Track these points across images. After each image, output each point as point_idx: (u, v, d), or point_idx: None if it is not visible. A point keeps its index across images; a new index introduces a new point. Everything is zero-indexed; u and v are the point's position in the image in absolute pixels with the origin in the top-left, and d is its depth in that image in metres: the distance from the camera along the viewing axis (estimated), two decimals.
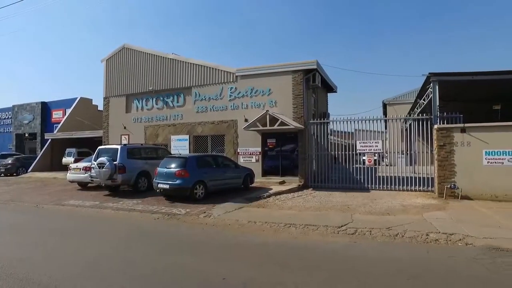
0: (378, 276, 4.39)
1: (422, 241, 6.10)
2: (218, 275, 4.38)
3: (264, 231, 6.99)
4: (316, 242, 6.11)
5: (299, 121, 14.10)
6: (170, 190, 10.47)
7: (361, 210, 8.89)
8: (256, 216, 8.25)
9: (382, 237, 6.35)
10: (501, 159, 10.42)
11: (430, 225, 7.03)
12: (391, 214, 8.35)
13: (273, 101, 14.89)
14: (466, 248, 5.68)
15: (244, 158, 15.39)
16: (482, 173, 10.54)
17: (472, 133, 10.75)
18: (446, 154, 11.03)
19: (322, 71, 15.52)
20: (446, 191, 10.84)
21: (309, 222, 7.45)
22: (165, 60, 17.89)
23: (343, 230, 6.80)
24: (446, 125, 11.34)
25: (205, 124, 16.52)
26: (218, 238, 6.58)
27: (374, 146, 13.04)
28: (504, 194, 10.24)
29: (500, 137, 10.47)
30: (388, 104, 30.65)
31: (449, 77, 12.44)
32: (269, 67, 15.29)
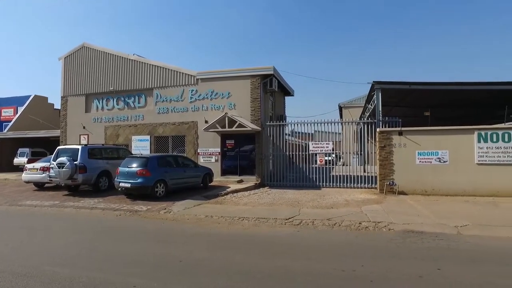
0: (311, 254, 5.33)
1: (355, 228, 7.17)
2: (176, 258, 5.09)
3: (219, 224, 7.76)
4: (264, 232, 6.97)
5: (257, 123, 15.02)
6: (132, 188, 10.91)
7: (309, 205, 9.94)
8: (213, 211, 9.00)
9: (322, 227, 7.36)
10: (430, 158, 11.97)
11: (364, 216, 8.17)
12: (335, 207, 9.46)
13: (232, 103, 15.68)
14: (388, 232, 6.82)
15: (204, 158, 16.03)
16: (415, 171, 12.05)
17: (408, 136, 12.23)
18: (386, 154, 12.43)
19: (279, 76, 16.56)
20: (386, 187, 12.23)
21: (261, 215, 8.33)
22: (127, 61, 18.05)
23: (290, 222, 7.74)
24: (387, 129, 12.76)
25: (166, 125, 16.94)
26: (176, 230, 7.27)
27: (325, 147, 14.26)
28: (432, 189, 11.80)
29: (429, 140, 12.03)
30: (344, 107, 32.63)
31: (390, 85, 13.95)
32: (229, 71, 16.07)
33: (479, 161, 11.50)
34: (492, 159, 11.39)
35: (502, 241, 6.09)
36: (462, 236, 6.44)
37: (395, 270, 4.55)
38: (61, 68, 19.58)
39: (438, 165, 11.87)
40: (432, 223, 7.36)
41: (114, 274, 4.47)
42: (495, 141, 11.38)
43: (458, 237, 6.35)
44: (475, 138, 11.56)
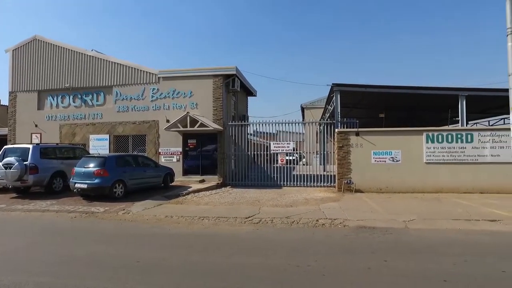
0: (269, 251, 5.49)
1: (312, 226, 7.45)
2: (134, 259, 5.03)
3: (179, 223, 7.73)
4: (224, 231, 7.05)
5: (219, 122, 15.04)
6: (88, 189, 10.52)
7: (269, 203, 10.15)
8: (174, 211, 8.93)
9: (281, 224, 7.56)
10: (384, 158, 12.65)
11: (322, 213, 8.50)
12: (294, 206, 9.73)
13: (194, 103, 15.57)
14: (343, 228, 7.16)
15: (165, 158, 15.78)
16: (371, 170, 12.68)
17: (364, 137, 12.84)
18: (344, 154, 12.97)
19: (242, 76, 16.68)
20: (343, 186, 12.76)
21: (221, 214, 8.40)
22: (84, 57, 17.29)
23: (249, 220, 7.88)
24: (344, 129, 13.31)
25: (126, 124, 16.46)
26: (135, 231, 7.14)
27: (286, 147, 14.60)
28: (386, 186, 12.50)
29: (383, 140, 12.72)
30: (306, 108, 33.44)
31: (348, 87, 14.57)
32: (191, 70, 15.95)
33: (427, 160, 12.35)
34: (438, 158, 12.29)
35: (442, 233, 6.64)
36: (408, 230, 6.93)
37: (347, 264, 4.82)
38: (9, 61, 18.31)
39: (391, 164, 12.58)
40: (384, 219, 7.83)
41: (66, 278, 4.33)
42: (441, 141, 12.29)
43: (405, 231, 6.83)
44: (424, 139, 12.41)
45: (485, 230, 6.89)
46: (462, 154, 12.23)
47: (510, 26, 8.12)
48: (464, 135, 12.24)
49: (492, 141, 12.03)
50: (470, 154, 12.19)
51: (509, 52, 8.17)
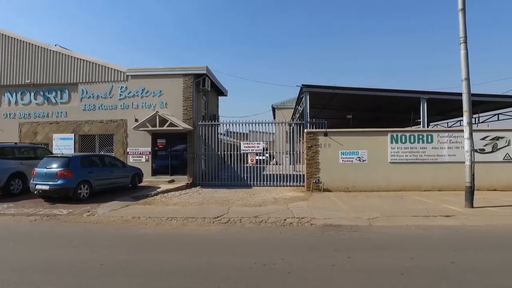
0: (236, 250, 5.54)
1: (280, 225, 7.56)
2: (97, 262, 4.90)
3: (147, 225, 7.60)
4: (192, 231, 7.02)
5: (189, 122, 14.90)
6: (51, 191, 10.07)
7: (239, 203, 10.20)
8: (141, 212, 8.76)
9: (249, 224, 7.62)
10: (351, 158, 13.05)
11: (290, 213, 8.65)
12: (263, 205, 9.84)
13: (164, 102, 15.34)
14: (310, 227, 7.33)
15: (133, 158, 15.42)
16: (338, 170, 13.03)
17: (332, 137, 13.18)
18: (313, 154, 13.25)
19: (212, 76, 16.61)
20: (312, 185, 13.03)
21: (190, 215, 8.35)
22: (47, 52, 16.53)
23: (218, 220, 7.89)
24: (313, 130, 13.60)
25: (93, 123, 15.93)
26: (100, 233, 6.94)
27: (256, 147, 14.69)
28: (352, 185, 12.90)
29: (350, 141, 13.11)
30: (277, 108, 33.80)
31: (316, 89, 14.90)
32: (161, 69, 15.70)
33: (391, 160, 12.88)
34: (401, 158, 12.85)
35: (403, 229, 6.97)
36: (372, 227, 7.21)
37: (312, 261, 4.95)
38: None
39: (358, 163, 13.01)
40: (349, 217, 8.10)
41: (21, 284, 4.15)
42: (404, 142, 12.85)
43: (369, 228, 7.10)
44: (388, 140, 12.93)
45: (442, 225, 7.31)
46: (423, 154, 12.86)
47: (462, 35, 8.67)
48: (425, 136, 12.88)
49: (449, 142, 12.75)
50: (430, 154, 12.84)
51: (462, 59, 8.70)
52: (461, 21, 8.78)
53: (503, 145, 12.81)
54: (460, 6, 8.80)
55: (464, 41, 8.85)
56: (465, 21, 8.83)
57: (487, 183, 12.37)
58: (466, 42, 8.88)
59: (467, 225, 7.35)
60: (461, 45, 8.89)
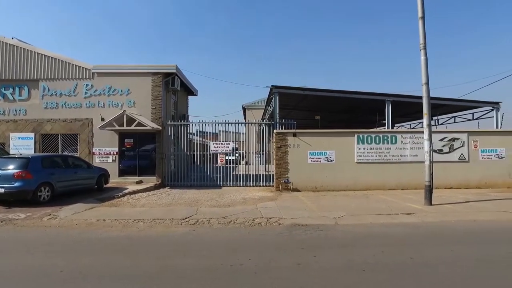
0: (203, 251, 5.51)
1: (248, 225, 7.61)
2: (56, 269, 4.71)
3: (112, 227, 7.39)
4: (159, 233, 6.91)
5: (157, 122, 14.63)
6: (6, 194, 9.50)
7: (208, 204, 10.15)
8: (107, 214, 8.51)
9: (218, 225, 7.61)
10: (319, 158, 13.34)
11: (258, 213, 8.71)
12: (232, 206, 9.85)
13: (132, 101, 14.96)
14: (278, 227, 7.42)
15: (100, 158, 14.92)
16: (307, 170, 13.28)
17: (301, 137, 13.41)
18: (282, 154, 13.42)
19: (182, 75, 16.40)
20: (281, 185, 13.19)
21: (157, 216, 8.21)
22: (3, 45, 15.60)
23: (186, 221, 7.81)
24: (283, 130, 13.77)
25: (56, 121, 15.23)
26: (62, 237, 6.66)
27: (226, 147, 14.67)
28: (321, 185, 13.19)
29: (318, 141, 13.41)
30: (247, 108, 33.89)
31: (286, 90, 15.09)
32: (129, 67, 15.30)
33: (358, 160, 13.30)
34: (367, 158, 13.30)
35: (367, 227, 7.23)
36: (338, 225, 7.42)
37: (278, 261, 5.02)
38: None
39: (326, 164, 13.32)
40: (316, 216, 8.29)
41: None
42: (370, 143, 13.32)
43: (335, 227, 7.30)
44: (355, 140, 13.35)
45: (403, 222, 7.66)
46: (387, 154, 13.39)
47: (422, 42, 9.11)
48: (389, 137, 13.42)
49: (411, 143, 13.37)
50: (394, 154, 13.39)
51: (422, 64, 9.15)
52: (421, 29, 9.23)
53: (459, 146, 13.61)
54: (420, 14, 9.25)
55: (423, 47, 9.31)
56: (425, 28, 9.30)
57: (445, 182, 13.08)
58: (426, 49, 9.34)
59: (425, 221, 7.74)
60: (421, 52, 9.34)
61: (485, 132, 14.44)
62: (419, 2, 9.34)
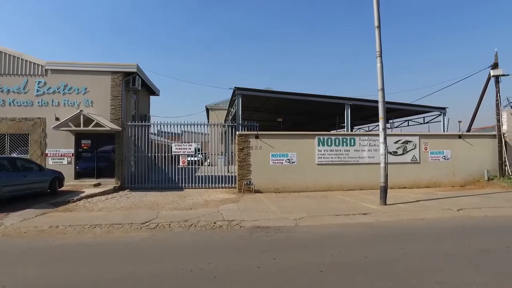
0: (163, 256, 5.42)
1: (209, 228, 7.58)
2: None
3: (66, 234, 7.04)
4: (117, 239, 6.69)
5: (117, 122, 14.14)
6: None
7: (169, 207, 9.98)
8: (60, 220, 8.09)
9: (178, 228, 7.51)
10: (281, 160, 13.57)
11: (220, 215, 8.71)
12: (193, 208, 9.76)
13: (90, 100, 14.34)
14: (239, 229, 7.47)
15: (54, 160, 14.13)
16: (269, 171, 13.46)
17: (263, 139, 13.56)
18: (245, 156, 13.49)
19: (143, 75, 15.98)
20: (243, 187, 13.25)
21: (115, 221, 7.94)
22: None
23: (146, 226, 7.63)
24: (245, 132, 13.85)
25: (3, 120, 14.22)
26: (7, 247, 6.23)
27: (188, 149, 14.49)
28: (283, 186, 13.41)
29: (280, 143, 13.63)
30: (211, 109, 33.70)
31: (249, 92, 15.21)
32: (87, 64, 14.65)
33: (318, 162, 13.70)
34: (327, 160, 13.74)
35: (326, 228, 7.49)
36: (298, 227, 7.61)
37: (238, 264, 5.07)
38: None
39: (288, 165, 13.58)
40: (277, 218, 8.43)
41: None
42: (330, 145, 13.77)
43: (295, 228, 7.48)
44: (316, 143, 13.73)
45: (359, 222, 8.01)
46: (346, 156, 13.92)
47: (378, 50, 9.58)
48: (348, 140, 13.95)
49: (369, 145, 14.00)
50: (353, 156, 13.95)
51: (378, 71, 9.62)
52: (377, 38, 9.71)
53: (411, 148, 14.47)
54: (376, 23, 9.74)
55: (379, 55, 9.80)
56: (381, 37, 9.79)
57: (399, 182, 13.84)
58: (381, 56, 9.84)
59: (380, 221, 8.16)
60: (377, 59, 9.83)
61: (434, 136, 15.51)
62: (375, 12, 9.82)
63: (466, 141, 15.16)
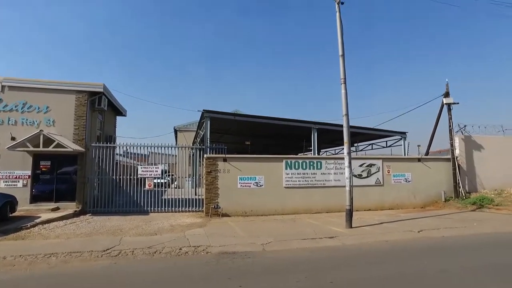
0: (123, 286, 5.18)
1: (175, 254, 7.35)
2: None
3: (15, 266, 6.51)
4: (74, 269, 6.30)
5: (80, 143, 13.61)
6: None
7: (133, 232, 9.59)
8: (9, 250, 7.47)
9: (142, 255, 7.21)
10: (249, 183, 13.55)
11: (186, 241, 8.47)
12: (159, 234, 9.44)
13: (51, 120, 13.74)
14: (205, 255, 7.29)
15: (7, 182, 13.24)
16: (237, 195, 13.37)
17: (231, 162, 13.52)
18: (212, 179, 13.34)
19: (110, 95, 15.62)
20: (211, 210, 13.04)
21: (74, 249, 7.49)
22: None
23: (107, 253, 7.26)
24: (213, 155, 13.76)
25: None
26: None
27: (154, 171, 14.14)
28: (250, 210, 13.34)
29: (248, 166, 13.65)
30: (179, 130, 33.35)
31: (218, 115, 15.25)
32: (50, 82, 14.14)
33: (286, 185, 13.82)
34: (294, 183, 13.90)
35: (293, 252, 7.49)
36: (265, 252, 7.56)
37: None
38: None
39: (255, 189, 13.58)
40: (245, 243, 8.33)
41: None
42: (297, 168, 13.98)
43: (262, 254, 7.42)
44: (284, 166, 13.89)
45: (326, 246, 8.10)
46: (313, 179, 14.16)
47: (342, 77, 10.04)
48: (315, 163, 14.25)
49: (335, 168, 14.37)
50: (320, 179, 14.22)
51: (343, 97, 10.04)
52: (341, 66, 10.21)
53: (375, 171, 15.02)
54: (340, 52, 10.26)
55: (344, 82, 10.28)
56: (345, 65, 10.31)
57: (364, 204, 14.22)
58: (346, 83, 10.32)
59: (346, 244, 8.29)
60: (341, 86, 10.29)
61: (395, 159, 16.24)
62: (339, 42, 10.36)
63: (424, 164, 15.99)
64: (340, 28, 10.49)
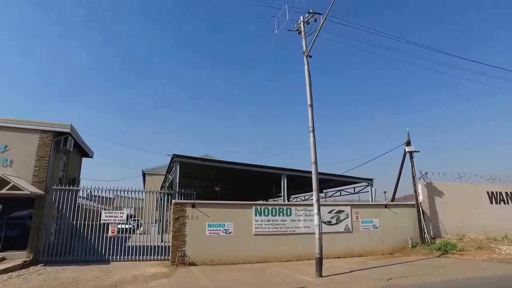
0: None
1: None
2: None
3: None
4: None
5: (40, 185, 12.83)
6: None
7: (90, 284, 8.85)
8: None
9: None
10: (218, 230, 13.18)
11: None
12: (119, 286, 8.77)
13: (9, 159, 12.96)
14: None
15: None
16: (205, 242, 12.89)
17: (200, 208, 13.19)
18: (180, 225, 12.85)
19: (77, 136, 15.17)
20: (177, 259, 12.41)
21: None
22: None
23: None
24: (181, 201, 13.39)
25: None
26: None
27: (119, 217, 13.47)
28: (218, 258, 12.84)
29: (217, 213, 13.37)
30: (147, 174, 32.55)
31: (187, 159, 15.09)
32: (10, 120, 13.49)
33: (256, 232, 13.56)
34: (264, 230, 13.69)
35: None
36: None
37: None
38: None
39: (224, 236, 13.19)
40: None
41: None
42: (267, 215, 13.86)
43: None
44: (253, 212, 13.73)
45: None
46: (283, 226, 14.02)
47: (311, 126, 10.45)
48: (284, 209, 14.21)
49: (304, 215, 14.36)
50: (290, 226, 14.10)
51: (311, 146, 10.37)
52: (310, 115, 10.66)
53: (344, 218, 15.16)
54: (308, 102, 10.77)
55: (312, 130, 10.67)
56: (313, 115, 10.77)
57: (334, 251, 14.09)
58: (314, 132, 10.72)
59: None
60: (310, 134, 10.66)
61: (363, 205, 16.55)
62: (308, 92, 10.92)
63: (391, 210, 16.37)
64: (309, 80, 11.11)
